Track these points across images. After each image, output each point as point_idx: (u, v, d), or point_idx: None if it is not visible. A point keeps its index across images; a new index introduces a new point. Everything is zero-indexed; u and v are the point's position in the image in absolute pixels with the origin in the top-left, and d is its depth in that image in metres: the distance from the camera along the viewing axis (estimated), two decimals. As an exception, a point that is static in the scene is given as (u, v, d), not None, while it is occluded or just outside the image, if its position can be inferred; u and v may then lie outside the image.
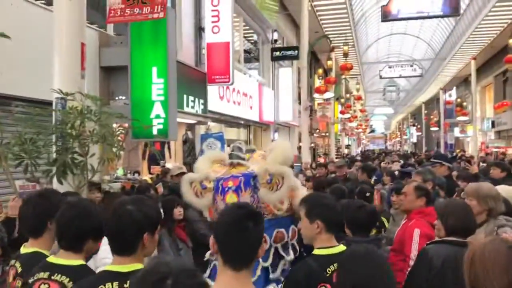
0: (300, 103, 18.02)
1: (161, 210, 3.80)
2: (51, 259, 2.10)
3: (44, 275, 2.02)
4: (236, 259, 1.76)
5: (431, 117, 46.25)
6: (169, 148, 9.23)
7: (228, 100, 11.38)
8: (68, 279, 1.98)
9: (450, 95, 38.66)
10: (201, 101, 9.24)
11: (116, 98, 7.12)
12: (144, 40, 6.37)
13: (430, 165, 5.74)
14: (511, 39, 15.96)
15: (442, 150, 37.37)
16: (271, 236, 2.75)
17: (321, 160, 16.42)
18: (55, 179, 3.87)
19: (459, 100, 35.00)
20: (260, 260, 2.62)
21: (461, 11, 20.87)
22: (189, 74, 8.93)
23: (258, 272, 2.68)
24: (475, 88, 30.20)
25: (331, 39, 17.32)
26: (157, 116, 6.33)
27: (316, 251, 2.41)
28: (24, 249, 2.32)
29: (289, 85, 16.92)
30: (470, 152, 29.24)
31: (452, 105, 38.00)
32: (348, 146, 38.94)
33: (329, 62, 16.45)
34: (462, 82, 36.11)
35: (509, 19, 20.14)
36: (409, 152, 33.58)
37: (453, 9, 18.78)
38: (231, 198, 2.81)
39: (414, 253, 3.46)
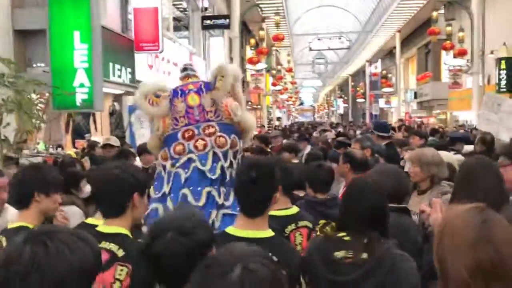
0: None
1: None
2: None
3: None
4: (250, 210, 1.99)
5: (358, 89, 47.73)
6: (94, 120, 8.67)
7: (157, 70, 10.87)
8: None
9: (376, 67, 39.94)
10: (129, 70, 8.72)
11: (34, 65, 6.49)
12: (64, 1, 5.78)
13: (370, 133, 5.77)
14: (435, 12, 16.54)
15: (367, 121, 38.82)
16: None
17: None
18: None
19: (384, 72, 36.26)
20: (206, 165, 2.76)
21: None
22: (115, 40, 8.37)
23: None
24: (399, 60, 31.37)
25: (262, 9, 17.06)
26: (81, 85, 5.84)
27: (274, 212, 2.42)
28: (10, 224, 2.28)
29: (221, 55, 16.55)
30: (394, 122, 30.57)
31: (378, 77, 39.36)
32: (279, 119, 39.32)
33: (261, 32, 16.22)
34: (387, 54, 37.38)
35: (431, -7, 20.88)
36: (335, 123, 34.53)
37: (380, -18, 19.08)
38: (192, 99, 2.85)
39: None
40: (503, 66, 16.16)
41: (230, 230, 2.00)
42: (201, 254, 1.46)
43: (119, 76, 8.30)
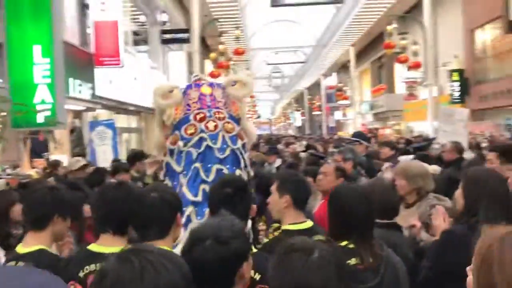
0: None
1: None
2: (95, 247, 2.05)
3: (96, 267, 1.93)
4: None
5: (314, 101, 48.45)
6: (53, 138, 8.27)
7: (118, 85, 10.57)
8: None
9: (331, 81, 40.71)
10: (89, 85, 8.42)
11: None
12: (23, 14, 5.49)
13: (349, 144, 5.76)
14: (389, 26, 17.02)
15: (324, 132, 39.41)
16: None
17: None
18: None
19: (339, 85, 37.00)
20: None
21: (343, -1, 21.81)
22: (74, 55, 8.07)
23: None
24: (354, 73, 32.11)
25: (222, 23, 17.05)
26: (42, 102, 5.54)
27: (289, 227, 2.50)
28: (24, 248, 2.13)
29: (180, 69, 16.35)
30: (351, 134, 31.16)
31: (333, 90, 40.11)
32: (237, 132, 39.19)
33: (221, 47, 16.15)
34: (342, 67, 38.22)
35: (385, 7, 21.53)
36: (298, 136, 34.84)
37: (336, -3, 19.54)
38: (205, 89, 3.14)
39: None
40: (455, 77, 16.82)
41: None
42: (237, 264, 1.51)
43: (80, 92, 7.99)
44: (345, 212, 2.19)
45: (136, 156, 5.72)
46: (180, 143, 2.98)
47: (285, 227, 2.52)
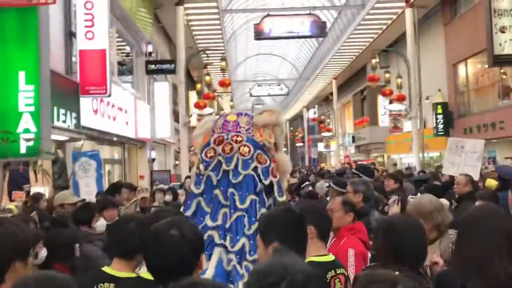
0: (175, 119, 17.32)
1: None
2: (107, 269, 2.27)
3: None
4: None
5: (296, 133, 48.64)
6: (34, 169, 7.89)
7: (102, 115, 10.29)
8: None
9: (315, 113, 41.02)
10: (74, 114, 8.12)
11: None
12: (9, 39, 5.25)
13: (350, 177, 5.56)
14: (373, 60, 17.22)
15: (306, 164, 39.39)
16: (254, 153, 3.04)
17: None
18: None
19: (322, 117, 37.26)
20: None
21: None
22: (59, 83, 7.79)
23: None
24: (336, 106, 32.37)
25: (208, 55, 17.04)
26: (26, 131, 5.23)
27: (314, 258, 2.49)
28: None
29: (165, 100, 16.16)
30: (334, 165, 31.15)
31: (316, 122, 40.38)
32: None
33: (207, 78, 16.08)
34: (324, 100, 38.58)
35: (367, 42, 21.89)
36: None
37: (320, 30, 19.79)
38: (231, 117, 3.28)
39: (351, 276, 3.15)
40: (439, 111, 16.99)
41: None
42: None
43: (64, 121, 7.69)
44: (401, 244, 2.15)
45: (115, 189, 5.46)
46: (201, 167, 3.03)
47: (310, 258, 2.42)
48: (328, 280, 2.51)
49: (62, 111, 7.62)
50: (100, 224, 4.03)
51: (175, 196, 7.99)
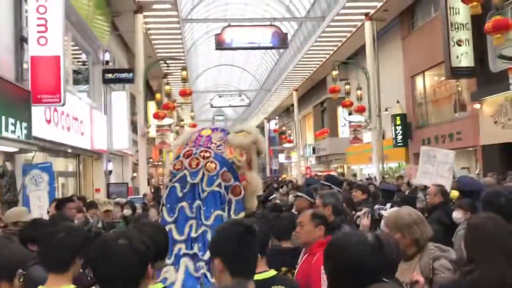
0: (133, 130, 16.82)
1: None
2: None
3: None
4: (244, 270, 1.90)
5: (257, 145, 48.53)
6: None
7: (56, 125, 9.78)
8: None
9: (276, 124, 41.08)
10: (24, 124, 7.63)
11: None
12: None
13: (319, 188, 5.36)
14: (334, 71, 17.36)
15: (267, 175, 39.32)
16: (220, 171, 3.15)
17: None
18: None
19: (283, 128, 37.35)
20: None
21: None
22: (8, 91, 7.32)
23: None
24: (297, 117, 32.53)
25: (168, 64, 16.69)
26: (-31, 141, 4.80)
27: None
28: None
29: (123, 110, 15.64)
30: (295, 176, 31.20)
31: (277, 133, 40.44)
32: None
33: (167, 87, 15.70)
34: (285, 111, 38.76)
35: (327, 54, 22.13)
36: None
37: (281, 42, 19.83)
38: (205, 131, 3.42)
39: (325, 295, 2.96)
40: (398, 122, 17.26)
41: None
42: None
43: (13, 132, 7.19)
44: (352, 267, 1.83)
45: (62, 203, 5.10)
46: (166, 179, 3.27)
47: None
48: None
49: (11, 120, 7.13)
50: None
51: (133, 210, 7.62)
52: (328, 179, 6.17)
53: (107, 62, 14.76)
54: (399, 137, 17.26)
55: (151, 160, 23.79)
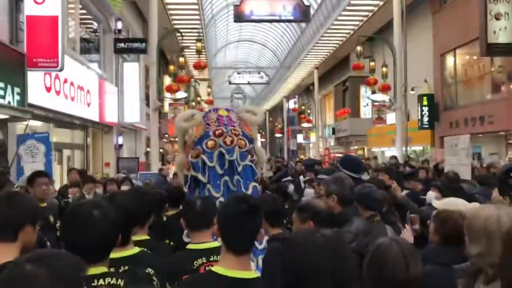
0: (148, 104, 16.16)
1: None
2: None
3: None
4: (237, 247, 1.85)
5: (276, 124, 47.75)
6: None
7: (57, 93, 9.15)
8: None
9: (295, 103, 40.11)
10: (17, 90, 7.01)
11: None
12: None
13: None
14: (358, 47, 16.35)
15: (285, 156, 38.54)
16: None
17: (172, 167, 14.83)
18: None
19: (303, 107, 36.40)
20: None
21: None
22: (1, 53, 6.69)
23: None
24: (317, 97, 31.52)
25: (183, 35, 15.88)
26: None
27: (190, 246, 2.56)
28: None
29: (135, 82, 14.97)
30: (313, 157, 30.33)
31: (296, 113, 39.49)
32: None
33: (181, 59, 14.92)
34: (304, 90, 37.71)
35: (351, 29, 21.04)
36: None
37: (303, 14, 18.83)
38: (222, 111, 3.81)
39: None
40: (425, 102, 16.24)
41: (219, 270, 1.81)
42: None
43: (3, 97, 6.57)
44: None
45: (29, 181, 4.43)
46: (204, 157, 3.47)
47: (188, 246, 2.60)
48: (196, 267, 2.43)
49: (0, 84, 6.51)
50: None
51: (132, 186, 6.97)
52: (343, 161, 4.53)
53: (119, 31, 14.06)
54: (425, 119, 16.26)
55: (166, 135, 23.15)
